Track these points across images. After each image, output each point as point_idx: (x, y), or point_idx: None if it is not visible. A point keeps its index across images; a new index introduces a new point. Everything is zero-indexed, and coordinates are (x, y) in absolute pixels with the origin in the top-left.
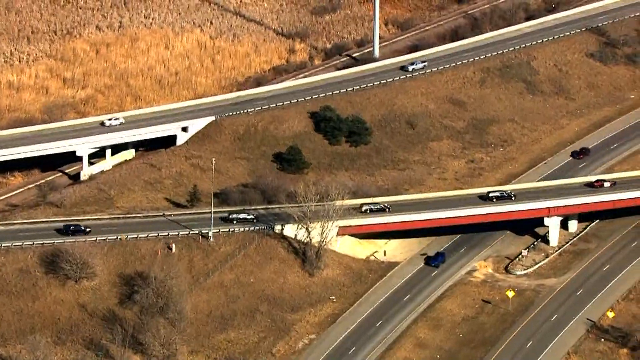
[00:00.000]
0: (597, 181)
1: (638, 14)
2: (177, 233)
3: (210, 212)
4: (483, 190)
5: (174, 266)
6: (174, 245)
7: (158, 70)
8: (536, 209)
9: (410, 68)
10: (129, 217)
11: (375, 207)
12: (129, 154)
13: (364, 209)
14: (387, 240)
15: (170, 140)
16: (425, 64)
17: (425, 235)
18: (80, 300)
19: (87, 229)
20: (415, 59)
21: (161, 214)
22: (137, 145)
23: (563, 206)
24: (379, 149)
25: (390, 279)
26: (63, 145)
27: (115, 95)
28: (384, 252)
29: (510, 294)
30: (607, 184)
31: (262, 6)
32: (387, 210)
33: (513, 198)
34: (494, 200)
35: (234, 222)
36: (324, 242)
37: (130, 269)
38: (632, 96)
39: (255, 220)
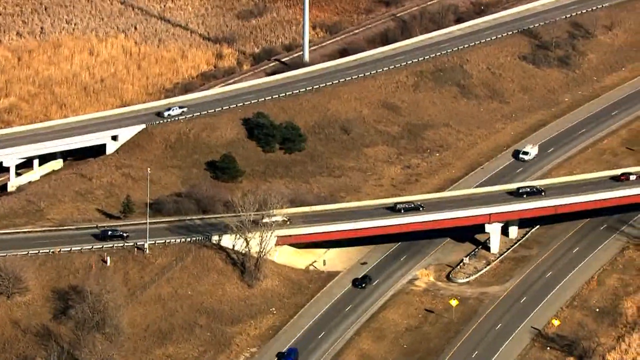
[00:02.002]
0: (622, 174)
1: (569, 15)
2: (111, 245)
3: (146, 223)
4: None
5: (109, 279)
6: (108, 257)
7: (83, 77)
8: (477, 215)
9: (166, 114)
10: (61, 230)
11: (409, 206)
12: (57, 164)
13: (397, 207)
14: (326, 249)
15: (99, 149)
16: (185, 109)
17: (365, 243)
18: (12, 316)
19: (126, 234)
20: (173, 105)
21: (94, 225)
22: (65, 155)
23: (504, 212)
24: (314, 156)
25: (331, 289)
26: None
27: (40, 103)
28: (324, 261)
29: (454, 302)
30: (632, 177)
31: (187, 10)
32: (420, 209)
33: (543, 194)
34: (524, 196)
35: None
36: (263, 253)
37: (64, 283)
38: (566, 99)
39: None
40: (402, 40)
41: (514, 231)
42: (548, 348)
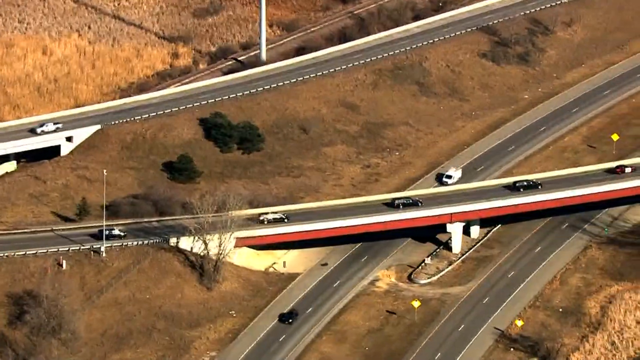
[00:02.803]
0: (618, 167)
1: (528, 12)
2: (67, 249)
3: (102, 226)
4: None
5: (65, 284)
6: (64, 261)
7: (36, 78)
8: (439, 215)
9: (39, 130)
10: (15, 233)
11: (407, 202)
12: (11, 165)
13: (396, 203)
14: (286, 250)
15: (54, 150)
16: (59, 125)
17: (325, 244)
18: None
19: (123, 233)
20: (46, 121)
21: (49, 228)
22: (18, 156)
23: (466, 212)
24: (272, 156)
25: (291, 291)
26: None
27: None
28: (284, 263)
29: (416, 304)
30: (628, 170)
31: (142, 9)
32: (419, 204)
33: (540, 187)
34: (521, 190)
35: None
36: (222, 255)
37: (18, 287)
38: (526, 96)
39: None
40: (360, 38)
41: (475, 231)
42: (511, 349)
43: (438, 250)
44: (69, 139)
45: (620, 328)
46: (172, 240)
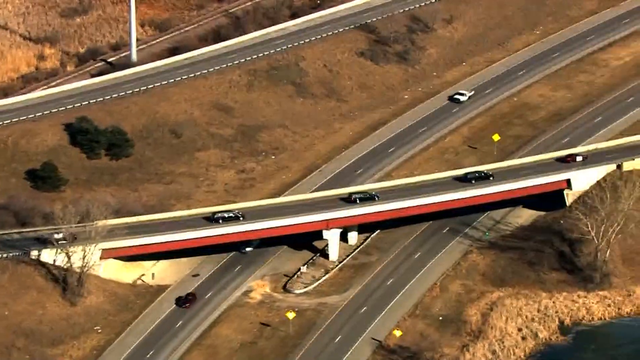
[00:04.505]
0: (568, 156)
1: (408, 9)
2: None
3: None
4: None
5: None
6: None
7: None
8: (314, 221)
9: None
10: None
11: (364, 196)
12: None
13: (352, 197)
14: (155, 261)
15: None
16: None
17: (196, 254)
18: None
19: (62, 235)
20: None
21: None
22: None
23: (343, 217)
24: (142, 162)
25: (160, 304)
26: None
27: None
28: (152, 274)
29: (291, 315)
30: (579, 158)
31: (6, 9)
32: (376, 198)
33: (491, 178)
34: (473, 181)
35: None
36: (86, 267)
37: None
38: (406, 96)
39: (242, 218)
40: (235, 38)
41: (353, 237)
42: None
43: (314, 258)
44: None
45: (501, 336)
46: (33, 253)
